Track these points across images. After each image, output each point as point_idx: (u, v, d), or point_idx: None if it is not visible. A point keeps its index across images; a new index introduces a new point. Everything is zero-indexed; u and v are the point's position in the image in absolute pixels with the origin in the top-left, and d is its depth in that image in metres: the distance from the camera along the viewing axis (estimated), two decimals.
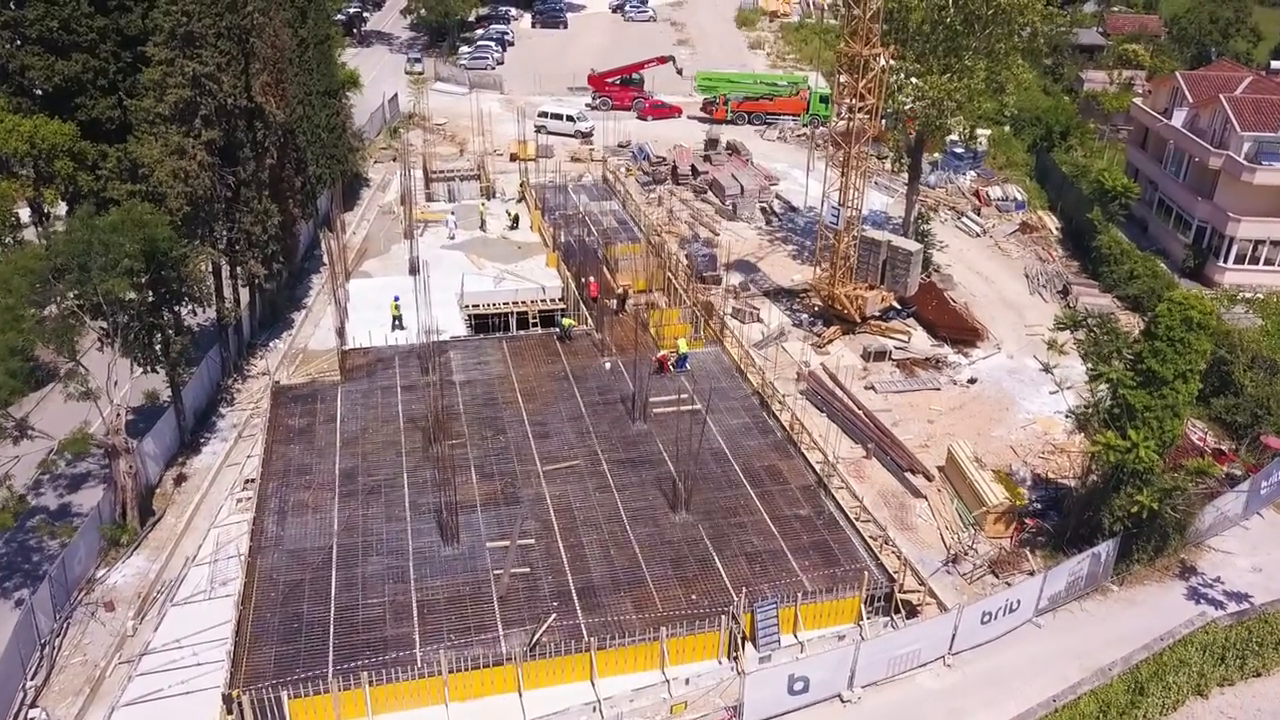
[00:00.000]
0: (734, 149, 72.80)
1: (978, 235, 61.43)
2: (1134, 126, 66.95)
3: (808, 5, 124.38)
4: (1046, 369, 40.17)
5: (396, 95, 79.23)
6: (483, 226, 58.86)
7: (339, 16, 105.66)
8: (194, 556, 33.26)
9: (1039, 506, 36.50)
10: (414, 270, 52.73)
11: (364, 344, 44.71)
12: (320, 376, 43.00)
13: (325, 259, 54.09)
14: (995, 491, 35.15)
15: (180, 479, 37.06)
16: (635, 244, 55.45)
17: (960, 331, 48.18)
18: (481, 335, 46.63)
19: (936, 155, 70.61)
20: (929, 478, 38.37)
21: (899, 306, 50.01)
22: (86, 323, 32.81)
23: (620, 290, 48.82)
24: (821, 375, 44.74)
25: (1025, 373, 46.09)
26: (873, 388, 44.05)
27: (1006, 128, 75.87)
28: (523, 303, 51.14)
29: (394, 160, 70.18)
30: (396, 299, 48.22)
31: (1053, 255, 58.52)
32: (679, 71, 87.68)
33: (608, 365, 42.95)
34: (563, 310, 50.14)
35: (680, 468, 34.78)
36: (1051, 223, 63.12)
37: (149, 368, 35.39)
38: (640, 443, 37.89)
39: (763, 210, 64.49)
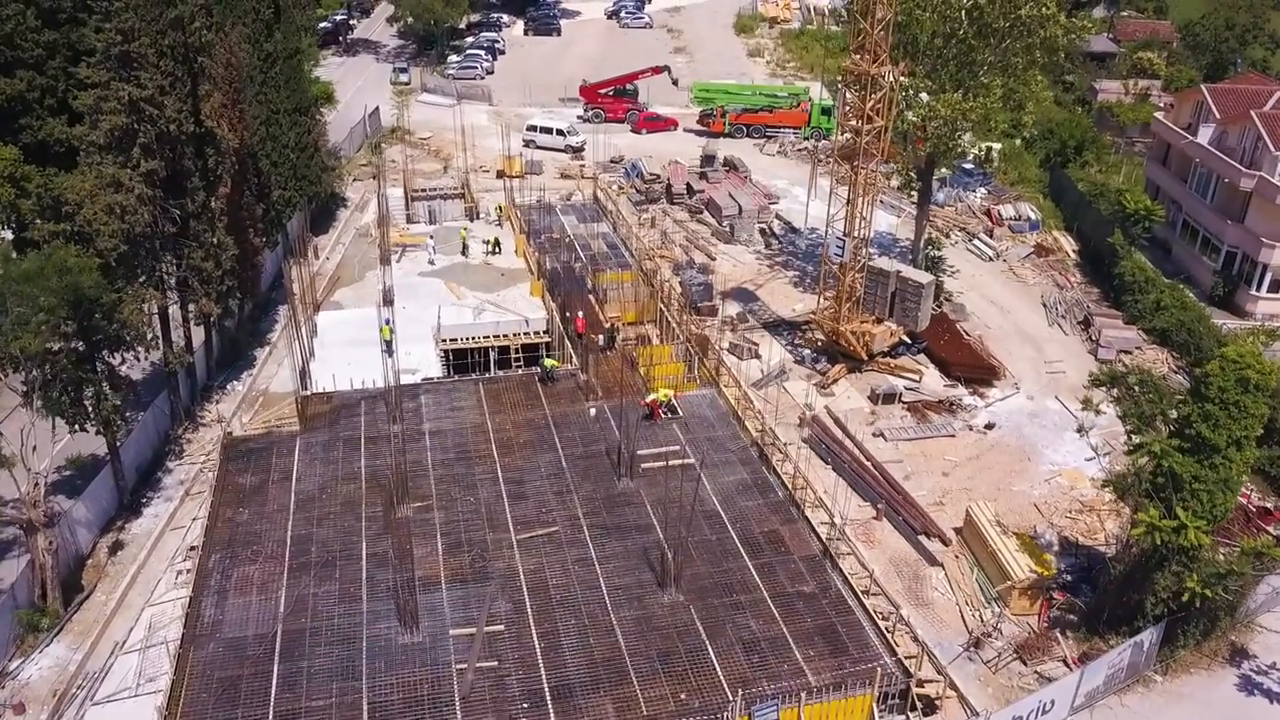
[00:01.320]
0: (731, 165, 69.22)
1: (991, 260, 57.80)
2: (1155, 142, 63.31)
3: (808, 11, 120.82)
4: (1081, 430, 36.62)
5: (378, 109, 75.59)
6: (464, 251, 55.27)
7: (324, 24, 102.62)
8: (123, 642, 29.65)
9: (1069, 578, 32.86)
10: (387, 301, 49.16)
11: (331, 386, 41.08)
12: (278, 425, 39.42)
13: (301, 281, 50.45)
14: (1020, 563, 31.52)
15: (116, 547, 33.46)
16: (626, 271, 51.83)
17: (976, 370, 44.57)
18: (456, 377, 42.96)
19: (945, 171, 67.08)
20: (945, 542, 34.75)
21: (909, 341, 46.40)
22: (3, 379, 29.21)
23: (608, 326, 45.16)
24: (826, 420, 41.13)
25: (1047, 416, 42.46)
26: (882, 435, 40.43)
27: (1017, 141, 72.30)
28: (504, 336, 47.64)
29: (374, 178, 66.57)
30: (388, 322, 45.15)
31: (1071, 281, 54.88)
32: (674, 82, 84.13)
33: (593, 411, 39.34)
34: (546, 346, 46.66)
35: (671, 534, 31.18)
36: (1068, 245, 59.50)
37: (77, 426, 31.77)
38: (626, 504, 34.26)
39: (762, 232, 60.91)
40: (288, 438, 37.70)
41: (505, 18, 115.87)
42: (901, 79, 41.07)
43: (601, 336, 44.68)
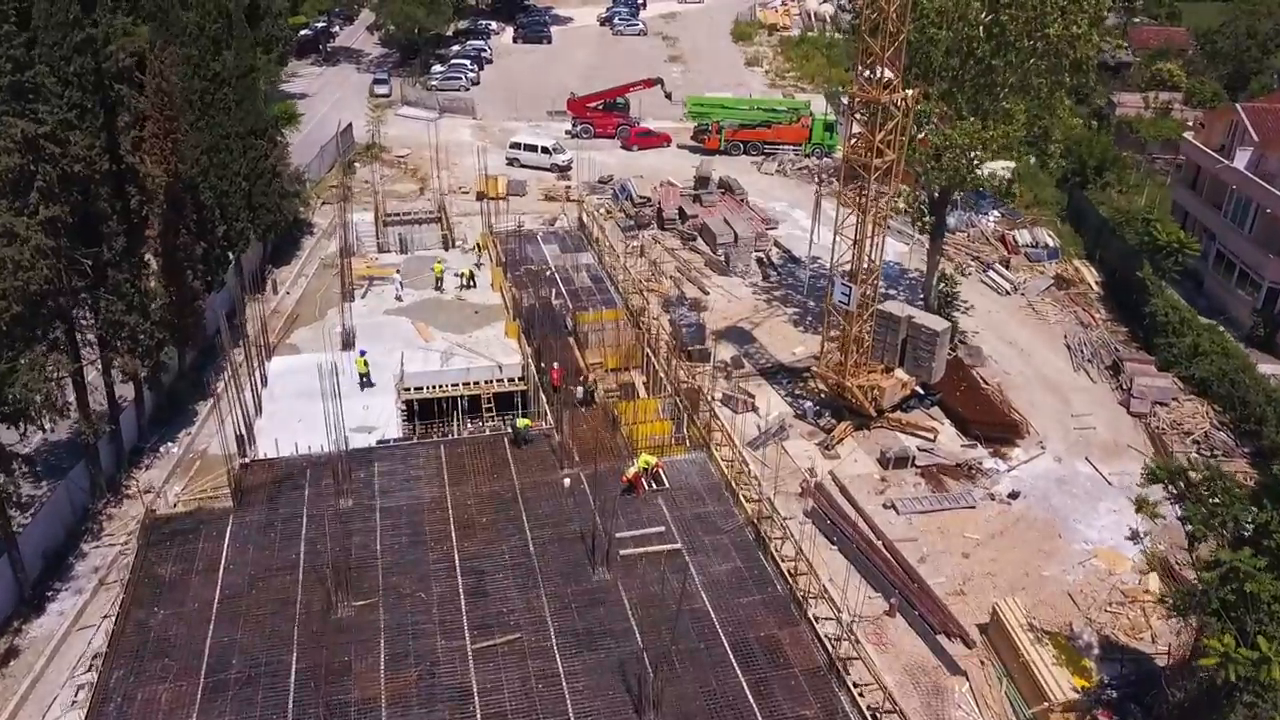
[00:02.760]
0: (727, 187, 64.74)
1: (1008, 293, 53.28)
2: (1184, 164, 58.81)
3: (808, 18, 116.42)
4: (1135, 537, 32.25)
5: (350, 125, 71.04)
6: (438, 285, 50.70)
7: (304, 32, 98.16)
8: None
9: (1114, 694, 28.36)
10: (347, 344, 44.67)
11: (276, 450, 36.53)
12: (212, 497, 34.94)
13: (249, 328, 45.92)
14: (1058, 680, 27.03)
15: (9, 654, 29.00)
16: (610, 309, 47.31)
17: (996, 427, 40.10)
18: (415, 439, 38.36)
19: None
20: (969, 643, 30.26)
21: (921, 392, 41.92)
22: None
23: (586, 379, 40.57)
24: (831, 489, 36.65)
25: (1077, 482, 37.98)
26: (894, 507, 35.95)
27: (1031, 159, 67.83)
28: (475, 384, 43.27)
29: (344, 201, 62.02)
30: (363, 353, 41.42)
31: (1095, 318, 50.39)
32: (668, 96, 79.71)
33: (567, 483, 34.79)
34: (521, 395, 42.29)
35: (652, 640, 26.69)
36: (1090, 276, 55.02)
37: None
38: (602, 601, 29.68)
39: (759, 261, 56.44)
40: (219, 516, 33.10)
41: (494, 25, 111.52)
42: (916, 106, 36.41)
43: (579, 390, 40.17)
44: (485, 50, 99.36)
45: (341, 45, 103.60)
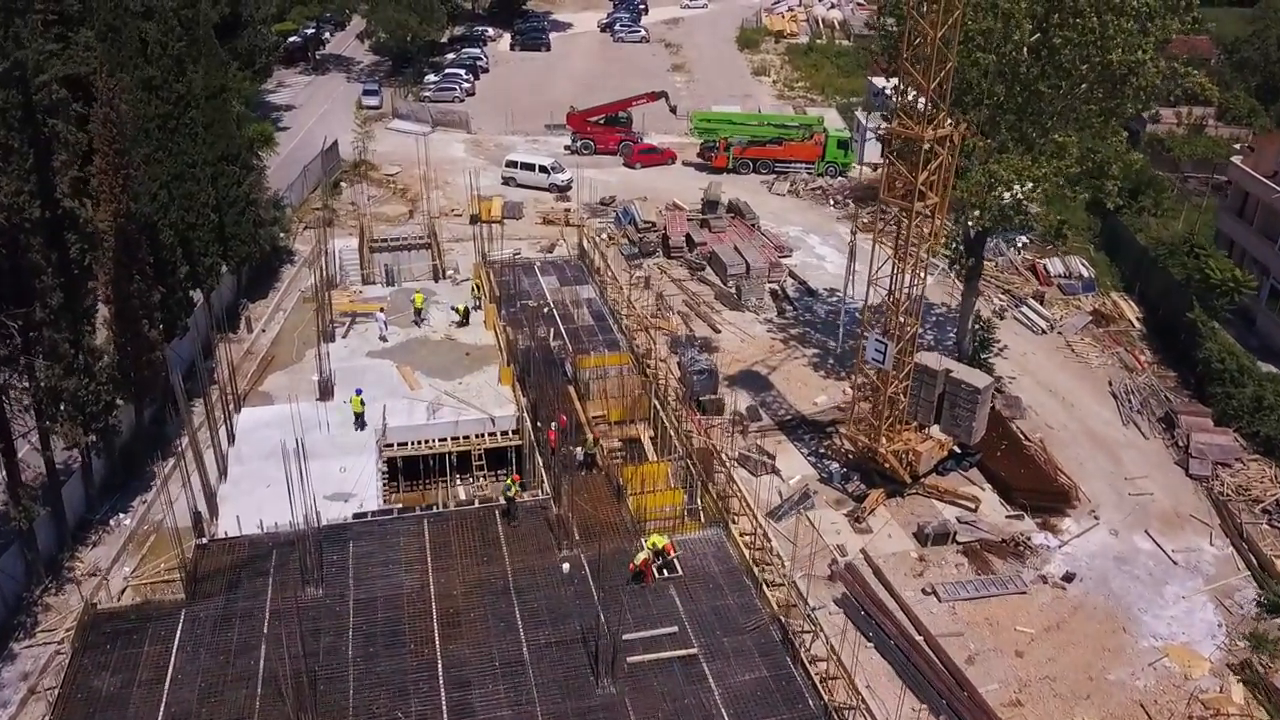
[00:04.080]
0: (737, 211, 60.67)
1: (1043, 331, 49.21)
2: (1231, 190, 54.75)
3: (816, 24, 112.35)
4: (1222, 687, 28.25)
5: (336, 143, 66.88)
6: (417, 317, 46.48)
7: (293, 39, 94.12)
8: None
9: None
10: (324, 394, 40.59)
11: (241, 525, 32.41)
12: (166, 581, 30.96)
13: (221, 370, 41.77)
14: None
15: None
16: (614, 353, 43.25)
17: (1044, 495, 36.04)
18: (396, 511, 34.15)
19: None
20: None
21: (958, 451, 37.86)
22: None
23: (584, 442, 36.36)
24: (863, 570, 32.60)
25: (1138, 561, 33.94)
26: (935, 593, 31.90)
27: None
28: (465, 439, 39.30)
29: (329, 225, 57.86)
30: (359, 392, 38.01)
31: (1141, 361, 46.34)
32: (673, 110, 75.61)
33: (565, 568, 30.73)
34: (515, 452, 38.36)
35: None
36: (1130, 311, 50.99)
37: None
38: None
39: (773, 295, 52.35)
40: (170, 611, 28.97)
41: (490, 31, 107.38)
42: (963, 141, 32.24)
43: (579, 452, 36.07)
44: (481, 58, 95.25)
45: (331, 52, 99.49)
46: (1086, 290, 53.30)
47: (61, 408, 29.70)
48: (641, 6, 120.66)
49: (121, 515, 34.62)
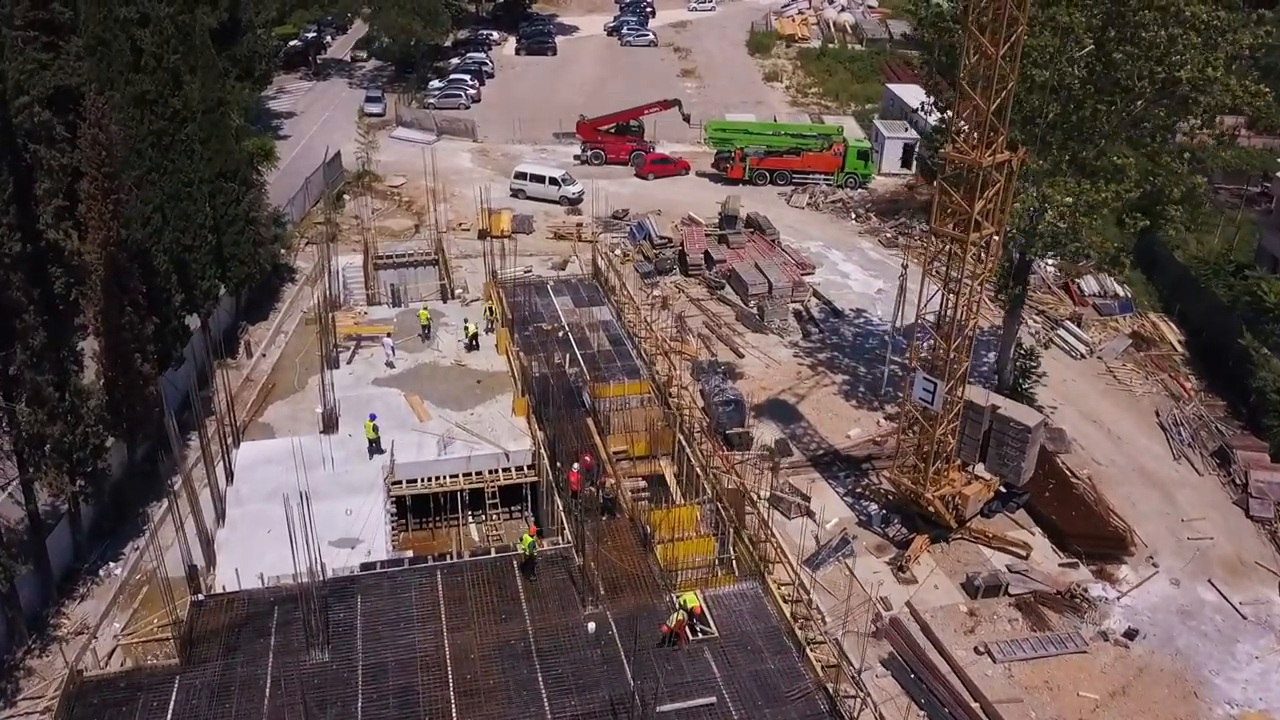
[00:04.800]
0: (756, 225, 58.33)
1: (1082, 356, 46.89)
2: (1276, 203, 52.44)
3: (828, 28, 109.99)
4: None
5: (339, 154, 64.51)
6: (425, 334, 44.29)
7: (294, 43, 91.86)
8: None
9: None
10: (328, 426, 38.27)
11: (241, 577, 30.06)
12: (159, 639, 28.62)
13: (219, 401, 39.37)
14: None
15: None
16: (634, 381, 40.96)
17: (1098, 540, 33.73)
18: (407, 562, 31.80)
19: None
20: None
21: (1003, 489, 35.54)
22: None
23: (604, 484, 33.98)
24: (910, 626, 30.28)
25: (1203, 615, 31.62)
26: (988, 652, 29.60)
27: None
28: (477, 475, 37.07)
29: (332, 240, 55.50)
30: (373, 417, 36.25)
31: (1187, 389, 44.03)
32: (686, 118, 73.10)
33: (591, 627, 28.40)
34: (531, 489, 36.19)
35: None
36: (1171, 334, 48.67)
37: None
38: None
39: (797, 316, 50.03)
40: (163, 678, 26.66)
41: (495, 35, 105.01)
42: (1022, 165, 29.86)
43: (598, 491, 33.70)
44: (486, 63, 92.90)
45: (333, 57, 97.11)
46: (1124, 311, 51.00)
47: (46, 455, 27.34)
48: (648, 9, 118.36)
49: (112, 564, 32.27)
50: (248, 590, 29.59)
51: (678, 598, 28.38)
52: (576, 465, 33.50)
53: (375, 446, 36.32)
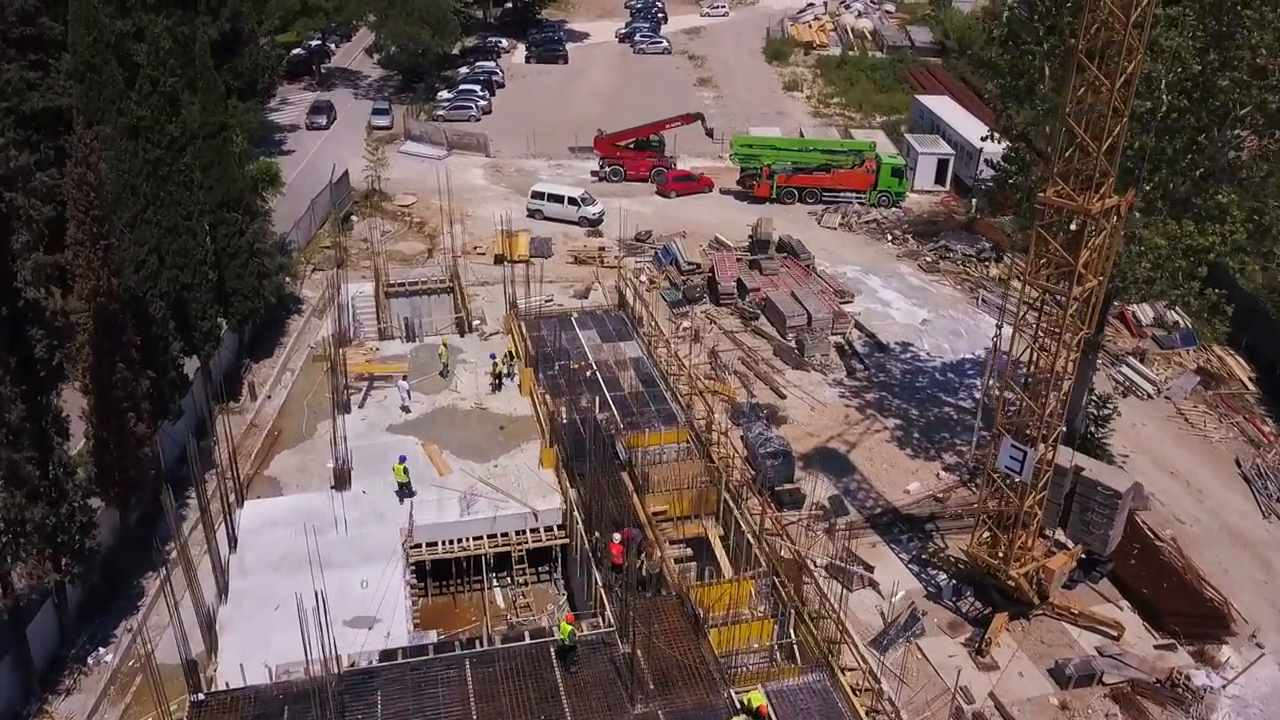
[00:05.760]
0: (789, 249, 55.09)
1: (1149, 396, 43.63)
2: None
3: (846, 34, 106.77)
4: None
5: (346, 173, 61.24)
6: (444, 372, 41.23)
7: (297, 51, 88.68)
8: None
9: None
10: (339, 483, 35.03)
11: (244, 674, 26.75)
12: None
13: (221, 453, 36.04)
14: None
15: None
16: (671, 429, 37.68)
17: (1198, 619, 30.45)
18: (432, 650, 28.49)
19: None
20: None
21: (1084, 555, 32.24)
22: None
23: (649, 554, 30.71)
24: None
25: None
26: None
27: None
28: (502, 536, 33.91)
29: (340, 267, 52.25)
30: (402, 459, 33.81)
31: (1266, 434, 40.80)
32: (709, 133, 70.09)
33: None
34: (562, 553, 33.12)
35: None
36: (1240, 370, 45.45)
37: None
38: None
39: (840, 351, 46.78)
40: None
41: (504, 42, 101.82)
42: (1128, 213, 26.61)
43: (640, 561, 30.36)
44: (497, 73, 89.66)
45: (337, 66, 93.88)
46: (1186, 343, 47.76)
47: (26, 538, 24.10)
48: (660, 15, 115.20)
49: (102, 650, 29.02)
50: (254, 686, 26.29)
51: (739, 695, 25.18)
52: (618, 536, 30.20)
53: (406, 489, 33.88)
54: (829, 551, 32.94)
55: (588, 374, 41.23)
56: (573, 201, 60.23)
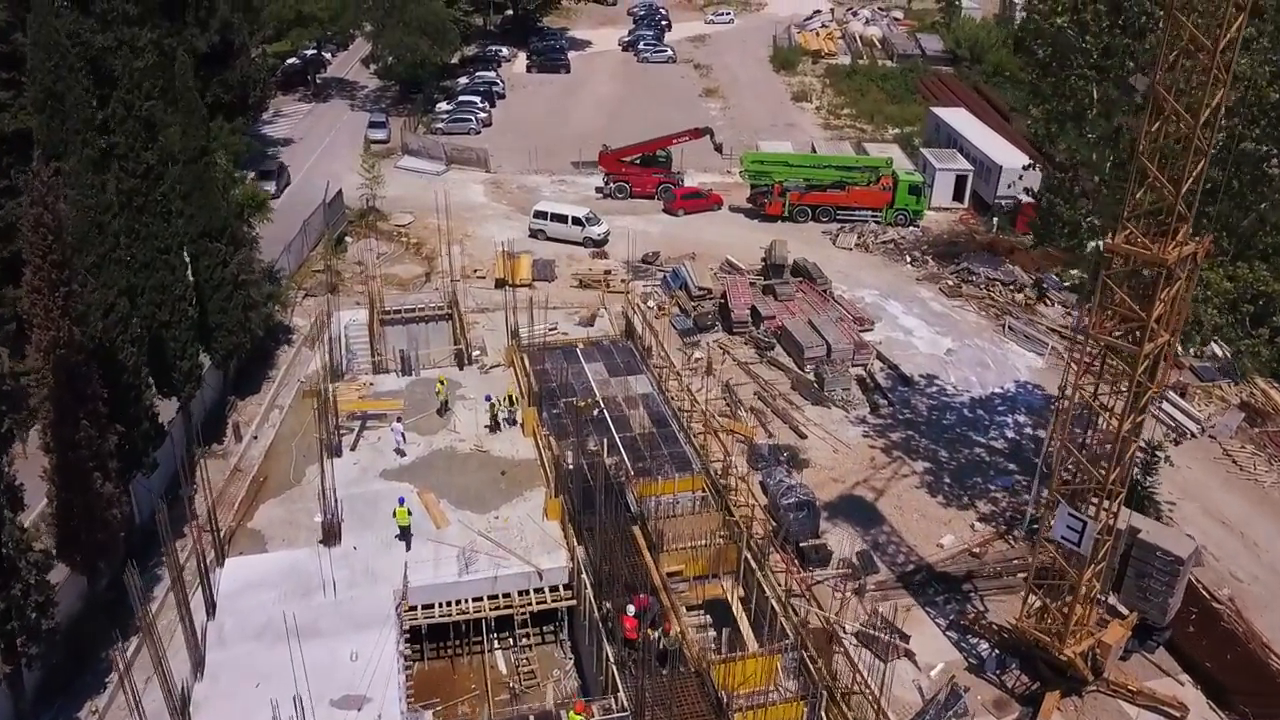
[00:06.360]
0: (804, 273, 52.46)
1: (1192, 435, 41.02)
2: None
3: (855, 42, 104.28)
4: None
5: (340, 192, 58.58)
6: (442, 410, 38.81)
7: (291, 61, 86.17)
8: None
9: None
10: (328, 538, 32.43)
11: None
12: None
13: (202, 502, 33.41)
14: None
15: None
16: (686, 476, 35.04)
17: (1263, 694, 27.78)
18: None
19: (1077, 273, 50.66)
20: None
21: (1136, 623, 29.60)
22: None
23: (666, 630, 28.01)
24: None
25: None
26: None
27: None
28: (504, 597, 31.41)
29: (332, 292, 49.61)
30: (402, 502, 31.92)
31: None
32: (718, 148, 67.52)
33: None
34: (569, 614, 30.78)
35: None
36: None
37: None
38: None
39: (861, 384, 44.15)
40: None
41: (505, 50, 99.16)
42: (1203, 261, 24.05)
43: (656, 636, 27.64)
44: (497, 83, 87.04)
45: (333, 76, 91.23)
46: (1226, 376, 45.13)
47: None
48: (664, 23, 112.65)
49: None
50: None
51: None
52: (631, 608, 27.55)
53: (406, 533, 31.82)
54: (859, 616, 30.30)
55: (595, 413, 38.60)
56: (577, 221, 57.62)
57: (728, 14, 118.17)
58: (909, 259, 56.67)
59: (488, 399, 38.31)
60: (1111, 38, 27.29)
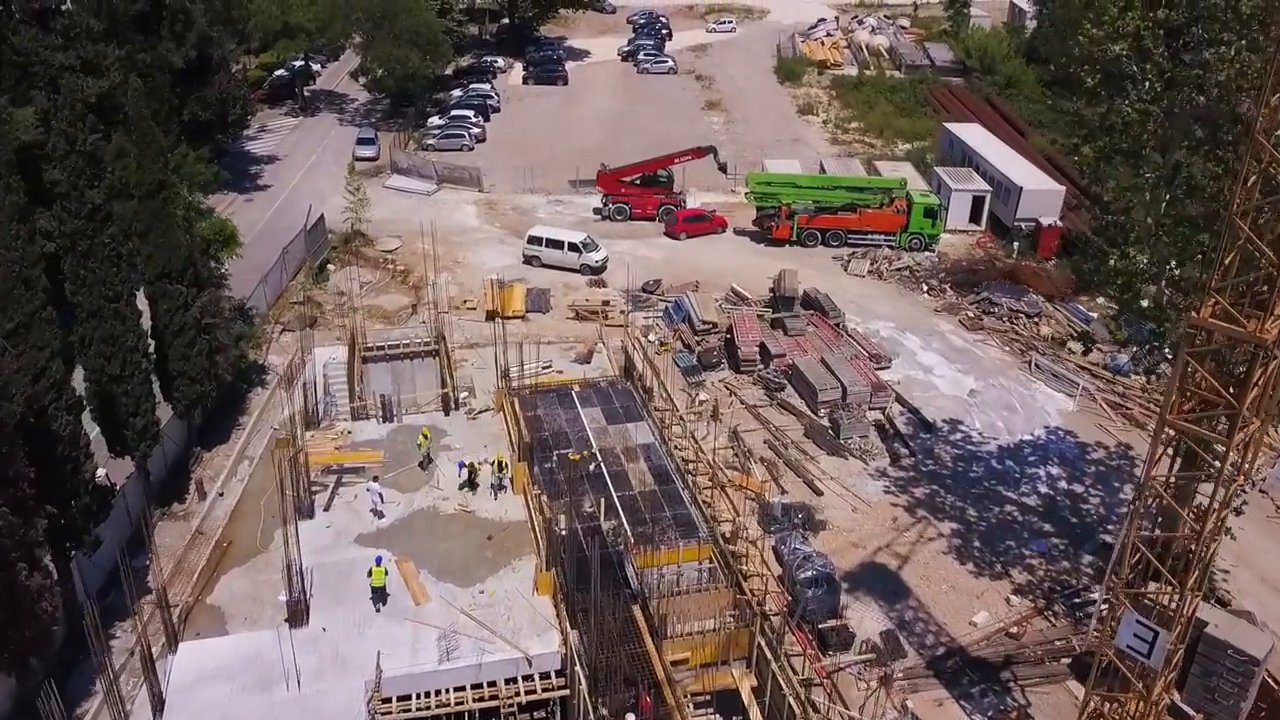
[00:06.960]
0: (815, 305, 49.17)
1: (1242, 491, 37.64)
2: None
3: (861, 52, 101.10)
4: None
5: (322, 217, 55.24)
6: (424, 464, 35.68)
7: (280, 72, 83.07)
8: None
9: None
10: (295, 618, 29.14)
11: None
12: None
13: (153, 574, 30.13)
14: None
15: None
16: (692, 544, 31.73)
17: None
18: None
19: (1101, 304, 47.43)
20: None
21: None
22: None
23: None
24: None
25: None
26: None
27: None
28: (490, 686, 28.14)
29: (311, 327, 46.24)
30: (379, 562, 29.81)
31: None
32: (722, 168, 64.29)
33: None
34: (562, 707, 27.35)
35: None
36: None
37: None
38: None
39: (880, 431, 40.85)
40: None
41: (500, 61, 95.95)
42: None
43: None
44: (491, 96, 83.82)
45: (322, 88, 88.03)
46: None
47: None
48: (664, 31, 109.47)
49: None
50: None
51: None
52: (631, 716, 24.31)
53: (382, 595, 29.60)
54: (886, 712, 26.99)
55: (591, 468, 35.28)
56: (573, 247, 54.34)
57: (729, 22, 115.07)
58: (925, 288, 53.39)
59: (461, 466, 34.88)
60: (1176, 68, 24.13)
